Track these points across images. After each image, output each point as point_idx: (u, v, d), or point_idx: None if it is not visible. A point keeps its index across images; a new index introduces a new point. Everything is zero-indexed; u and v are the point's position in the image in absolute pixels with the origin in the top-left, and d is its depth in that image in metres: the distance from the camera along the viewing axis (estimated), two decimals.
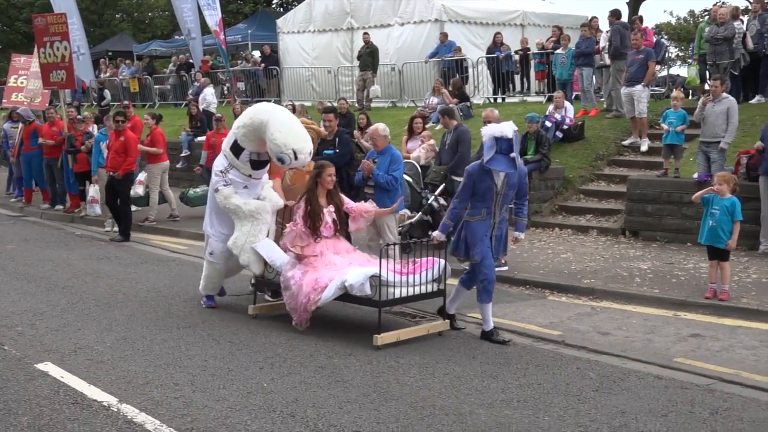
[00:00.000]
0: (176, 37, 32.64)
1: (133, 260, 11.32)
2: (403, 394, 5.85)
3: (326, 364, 6.53)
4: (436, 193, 11.39)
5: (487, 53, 19.51)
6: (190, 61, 25.33)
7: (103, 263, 11.10)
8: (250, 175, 8.07)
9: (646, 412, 5.62)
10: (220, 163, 8.14)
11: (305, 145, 7.67)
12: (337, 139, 10.15)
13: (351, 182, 10.29)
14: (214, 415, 5.33)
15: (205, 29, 25.31)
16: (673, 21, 47.52)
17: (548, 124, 14.21)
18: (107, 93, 24.11)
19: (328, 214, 7.62)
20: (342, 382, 6.07)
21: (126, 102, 18.00)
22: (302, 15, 23.35)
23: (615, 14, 16.06)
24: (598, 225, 12.50)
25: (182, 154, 18.78)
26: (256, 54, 26.01)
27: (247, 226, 7.87)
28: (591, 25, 16.80)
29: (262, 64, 23.36)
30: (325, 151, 10.00)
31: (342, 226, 7.78)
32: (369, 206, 8.11)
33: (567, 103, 14.84)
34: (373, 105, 20.31)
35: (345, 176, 10.24)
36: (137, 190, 14.12)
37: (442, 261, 7.42)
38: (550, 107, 14.78)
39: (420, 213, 11.29)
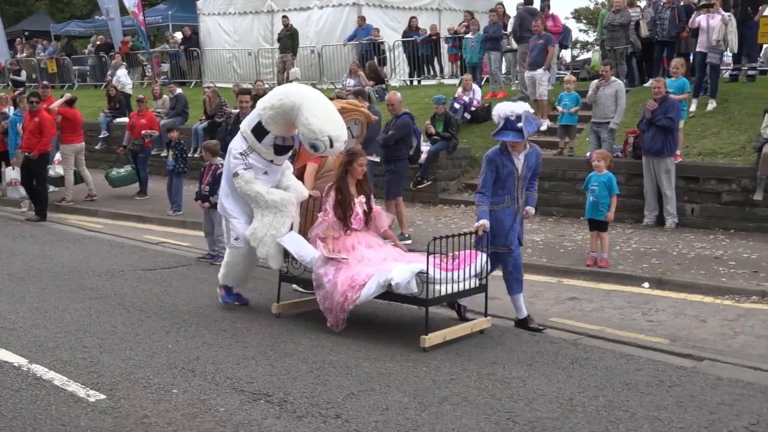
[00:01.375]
0: (96, 17, 32.29)
1: (49, 239, 11.57)
2: (298, 351, 6.42)
3: (229, 327, 7.05)
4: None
5: (403, 37, 20.09)
6: (110, 41, 25.25)
7: (19, 242, 11.33)
8: (271, 161, 7.46)
9: (515, 362, 6.30)
10: (238, 145, 7.48)
11: (342, 132, 7.12)
12: None
13: None
14: (119, 372, 5.80)
15: (124, 10, 25.24)
16: (592, 6, 49.08)
17: (456, 105, 14.92)
18: (23, 74, 23.87)
19: (359, 204, 7.17)
20: (242, 343, 6.61)
21: (45, 82, 17.95)
22: None
23: (526, 1, 16.86)
24: None
25: (101, 136, 18.91)
26: (178, 35, 26.05)
27: (269, 217, 7.26)
28: (497, 10, 17.54)
29: (182, 46, 23.48)
30: None
31: (370, 218, 7.30)
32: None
33: (475, 86, 15.56)
34: None
35: None
36: (57, 169, 14.33)
37: (484, 255, 7.00)
38: (459, 90, 15.47)
39: None
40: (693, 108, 13.56)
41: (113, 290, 8.42)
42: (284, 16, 20.73)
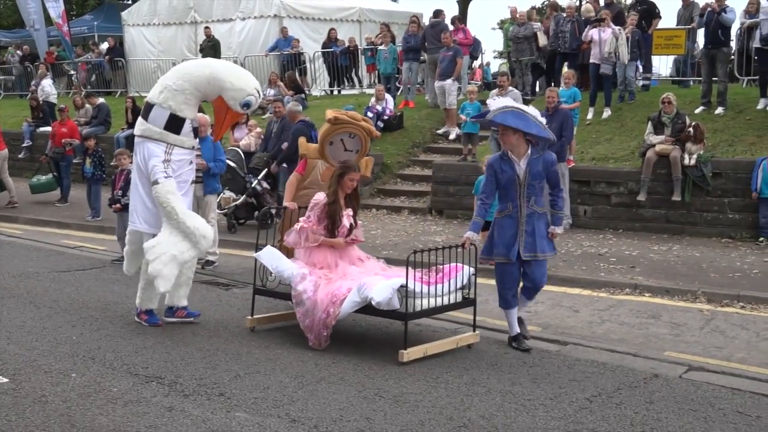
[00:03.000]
0: (21, 28, 32.12)
1: None
2: (195, 341, 6.96)
3: (133, 321, 7.53)
4: (259, 177, 12.51)
5: (323, 48, 20.72)
6: (36, 52, 25.30)
7: None
8: (192, 147, 7.36)
9: (391, 347, 6.89)
10: (155, 151, 7.09)
11: (257, 83, 7.30)
12: None
13: None
14: (23, 359, 6.27)
15: (49, 20, 25.31)
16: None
17: (369, 114, 15.55)
18: None
19: (346, 217, 7.06)
20: (143, 334, 7.13)
21: None
22: (147, 8, 23.85)
23: (435, 14, 17.66)
24: (410, 205, 14.00)
25: (24, 144, 19.09)
26: (104, 46, 26.20)
27: (177, 237, 6.99)
28: (414, 21, 18.29)
29: (107, 56, 23.70)
30: None
31: (353, 232, 7.15)
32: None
33: (387, 96, 16.26)
34: None
35: None
36: None
37: (469, 268, 6.90)
38: (372, 99, 16.15)
39: (244, 196, 12.39)
40: (589, 116, 14.50)
41: (26, 290, 8.80)
42: (206, 27, 21.20)
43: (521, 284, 7.09)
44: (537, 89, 16.48)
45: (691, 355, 6.97)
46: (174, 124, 7.08)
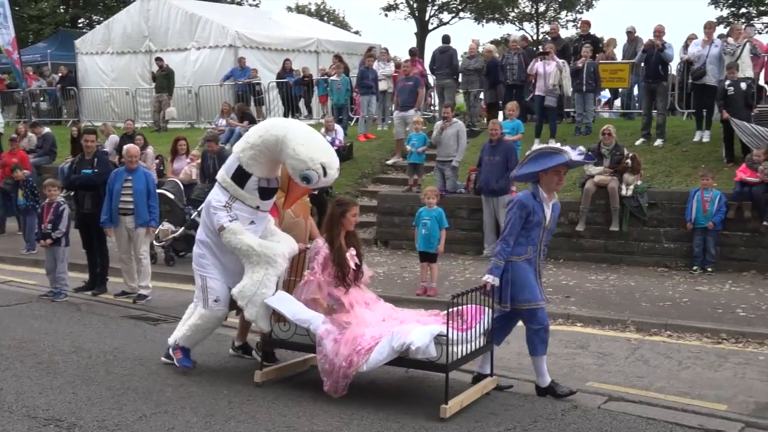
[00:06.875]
0: None
1: None
2: (106, 380, 6.77)
3: (46, 360, 7.34)
4: (199, 209, 12.34)
5: (278, 78, 20.70)
6: None
7: None
8: (257, 207, 6.79)
9: (304, 383, 6.76)
10: (218, 197, 6.78)
11: (334, 159, 6.56)
12: (95, 159, 10.83)
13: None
14: None
15: None
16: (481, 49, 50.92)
17: None
18: None
19: (350, 258, 6.55)
20: (54, 374, 6.91)
21: None
22: (101, 36, 23.75)
23: (444, 39, 17.63)
24: None
25: None
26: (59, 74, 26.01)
27: (260, 274, 6.60)
28: (371, 54, 18.35)
29: (59, 85, 23.50)
30: (84, 171, 10.68)
31: (360, 272, 6.69)
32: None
33: (338, 126, 16.23)
34: (170, 126, 21.02)
35: (103, 194, 10.93)
36: None
37: (489, 309, 6.43)
38: (322, 130, 16.10)
39: (183, 228, 12.23)
40: (535, 147, 14.51)
41: None
42: (158, 58, 21.09)
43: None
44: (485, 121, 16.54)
45: (613, 385, 6.96)
46: (240, 176, 6.70)
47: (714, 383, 7.13)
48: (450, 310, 6.00)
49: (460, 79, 16.98)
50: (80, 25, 36.74)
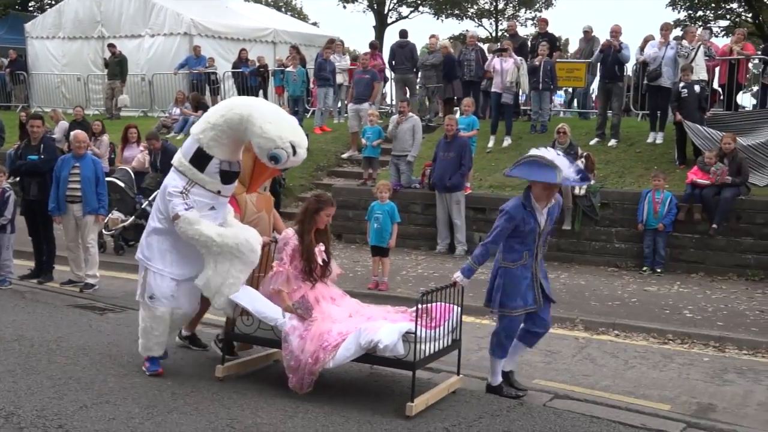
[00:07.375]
0: None
1: None
2: (48, 369, 6.61)
3: None
4: (150, 198, 12.14)
5: (233, 68, 20.48)
6: None
7: None
8: (218, 192, 6.41)
9: (250, 376, 6.72)
10: (174, 182, 6.39)
11: (303, 138, 6.17)
12: (42, 145, 10.57)
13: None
14: None
15: None
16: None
17: None
18: None
19: (318, 253, 6.49)
20: None
21: None
22: (52, 20, 23.25)
23: (401, 34, 17.48)
24: None
25: None
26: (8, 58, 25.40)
27: (225, 265, 6.26)
28: (330, 46, 18.22)
29: (8, 69, 22.94)
30: (30, 157, 10.42)
31: (327, 269, 6.65)
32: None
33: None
34: (122, 114, 20.67)
35: (50, 180, 10.67)
36: None
37: (457, 308, 6.40)
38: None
39: (133, 217, 12.01)
40: (490, 144, 14.63)
41: None
42: (110, 44, 20.72)
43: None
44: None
45: (559, 383, 7.00)
46: (200, 159, 6.31)
47: (658, 383, 7.21)
48: (419, 306, 5.95)
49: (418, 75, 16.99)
50: (31, 8, 35.93)
